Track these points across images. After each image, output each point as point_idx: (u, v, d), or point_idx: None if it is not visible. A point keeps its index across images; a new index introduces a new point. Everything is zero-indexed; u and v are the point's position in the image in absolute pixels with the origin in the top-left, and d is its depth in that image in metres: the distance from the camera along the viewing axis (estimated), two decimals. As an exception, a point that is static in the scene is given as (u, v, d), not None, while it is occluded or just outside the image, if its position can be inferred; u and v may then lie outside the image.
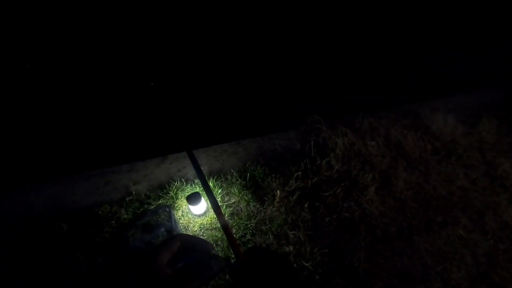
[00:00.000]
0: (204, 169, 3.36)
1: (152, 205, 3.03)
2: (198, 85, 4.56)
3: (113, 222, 2.89)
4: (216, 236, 2.81)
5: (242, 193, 3.07)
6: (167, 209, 2.95)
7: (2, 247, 2.71)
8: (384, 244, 2.70)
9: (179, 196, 3.09)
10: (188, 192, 3.10)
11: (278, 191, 3.03)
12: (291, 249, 2.64)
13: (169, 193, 3.10)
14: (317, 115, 3.53)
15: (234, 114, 4.04)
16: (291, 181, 3.11)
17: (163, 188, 3.18)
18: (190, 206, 2.87)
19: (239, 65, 4.83)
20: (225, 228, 0.78)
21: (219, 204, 2.94)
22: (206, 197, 3.01)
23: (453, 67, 4.37)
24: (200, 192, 2.91)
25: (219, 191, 3.11)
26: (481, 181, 3.21)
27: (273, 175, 3.21)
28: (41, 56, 4.74)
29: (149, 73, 4.67)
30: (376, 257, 2.60)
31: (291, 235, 2.75)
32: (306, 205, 2.92)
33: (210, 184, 3.13)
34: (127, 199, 3.11)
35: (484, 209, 2.95)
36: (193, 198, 2.78)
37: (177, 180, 3.20)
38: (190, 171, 3.37)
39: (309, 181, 3.09)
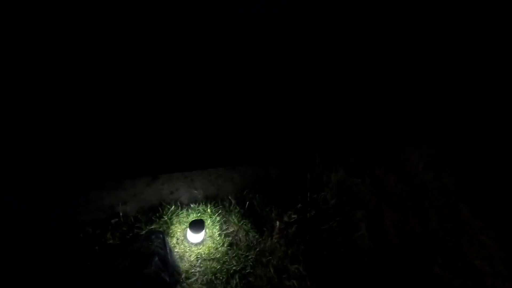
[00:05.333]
0: (200, 193, 3.19)
1: (143, 229, 2.74)
2: (199, 104, 4.37)
3: (96, 247, 2.53)
4: (215, 267, 2.64)
5: (242, 222, 2.98)
6: (161, 236, 2.69)
7: None
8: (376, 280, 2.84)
9: (174, 222, 2.86)
10: (183, 218, 2.90)
11: (278, 222, 3.01)
12: (294, 283, 2.61)
13: (162, 217, 2.85)
14: (310, 150, 3.69)
15: (232, 139, 3.98)
16: (290, 212, 3.13)
17: (155, 211, 2.92)
18: (189, 234, 2.67)
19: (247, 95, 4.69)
20: None
21: (219, 232, 2.81)
22: (207, 225, 2.84)
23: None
24: (203, 219, 2.74)
25: (218, 218, 2.96)
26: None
27: (272, 205, 3.19)
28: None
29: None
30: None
31: (292, 269, 2.73)
32: (306, 238, 2.95)
33: (209, 210, 2.98)
34: (112, 221, 2.76)
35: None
36: (196, 226, 2.61)
37: (172, 204, 2.98)
38: (184, 195, 3.17)
39: (308, 214, 3.14)
